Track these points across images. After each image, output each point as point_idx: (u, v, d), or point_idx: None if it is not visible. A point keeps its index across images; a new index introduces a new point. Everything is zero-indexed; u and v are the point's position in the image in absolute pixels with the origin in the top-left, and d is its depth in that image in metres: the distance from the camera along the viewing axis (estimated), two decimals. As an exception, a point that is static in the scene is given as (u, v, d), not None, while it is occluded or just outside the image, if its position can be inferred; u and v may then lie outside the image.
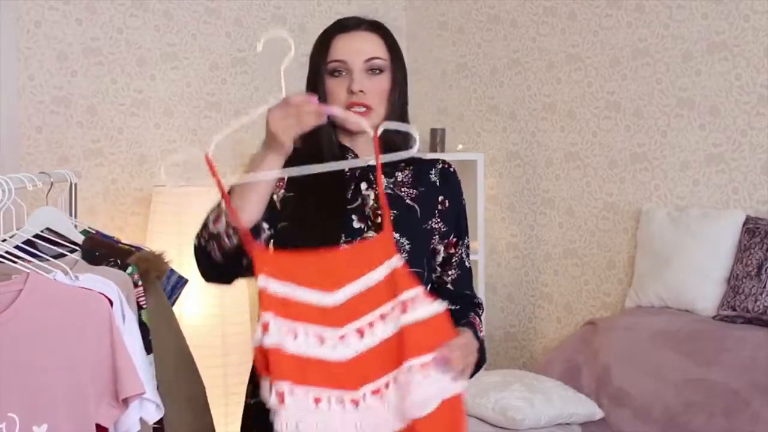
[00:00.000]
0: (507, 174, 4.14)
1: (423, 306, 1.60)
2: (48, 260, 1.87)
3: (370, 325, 1.60)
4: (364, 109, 1.75)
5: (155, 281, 2.01)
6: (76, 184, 2.48)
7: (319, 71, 1.78)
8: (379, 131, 1.65)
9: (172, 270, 2.15)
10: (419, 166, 1.86)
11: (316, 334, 1.59)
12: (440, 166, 1.87)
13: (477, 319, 1.80)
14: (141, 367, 1.80)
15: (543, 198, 4.03)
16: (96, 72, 3.60)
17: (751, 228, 3.24)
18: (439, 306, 1.61)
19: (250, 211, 1.64)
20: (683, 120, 3.59)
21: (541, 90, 4.03)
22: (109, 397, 1.72)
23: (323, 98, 1.75)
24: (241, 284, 3.43)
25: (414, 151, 1.69)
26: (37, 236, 2.01)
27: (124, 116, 3.67)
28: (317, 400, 1.57)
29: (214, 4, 3.88)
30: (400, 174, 1.84)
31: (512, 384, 3.06)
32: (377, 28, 1.83)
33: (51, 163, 3.46)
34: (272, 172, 1.63)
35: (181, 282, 2.27)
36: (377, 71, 1.78)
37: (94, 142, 3.61)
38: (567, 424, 3.02)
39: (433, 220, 1.82)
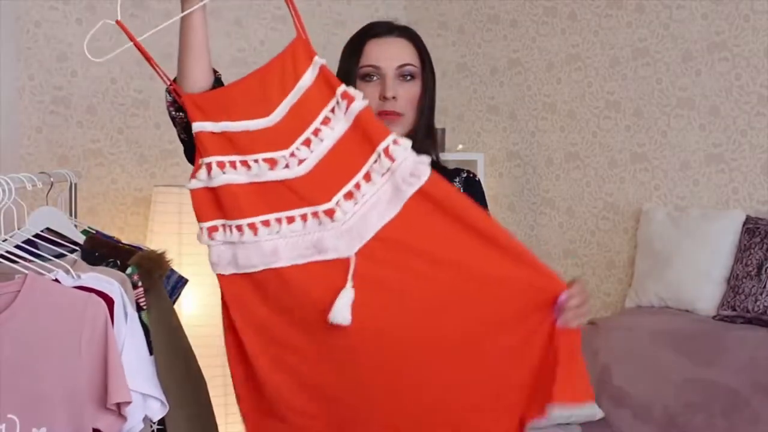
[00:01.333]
0: (507, 174, 4.14)
1: (358, 96, 1.60)
2: (50, 260, 1.87)
3: (315, 132, 1.59)
4: (395, 116, 1.78)
5: (158, 281, 2.00)
6: (76, 184, 2.48)
7: (351, 75, 1.79)
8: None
9: (172, 270, 2.15)
10: (443, 174, 1.86)
11: (266, 159, 1.59)
12: (465, 174, 1.88)
13: None
14: (145, 364, 1.80)
15: (543, 198, 4.03)
16: (96, 72, 3.60)
17: (751, 228, 3.24)
18: (361, 95, 1.61)
19: (192, 70, 1.68)
20: (683, 120, 3.59)
21: (541, 90, 4.03)
22: (106, 403, 1.71)
23: None
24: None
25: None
26: (37, 236, 2.01)
27: (124, 116, 3.67)
28: (290, 220, 1.58)
29: (215, 4, 3.86)
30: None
31: (512, 384, 3.06)
32: (409, 34, 1.84)
33: (51, 163, 3.46)
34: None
35: (181, 282, 2.27)
36: (409, 77, 1.79)
37: (94, 142, 3.61)
38: (567, 424, 3.02)
39: None
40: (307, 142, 1.58)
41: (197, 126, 1.61)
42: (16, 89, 3.42)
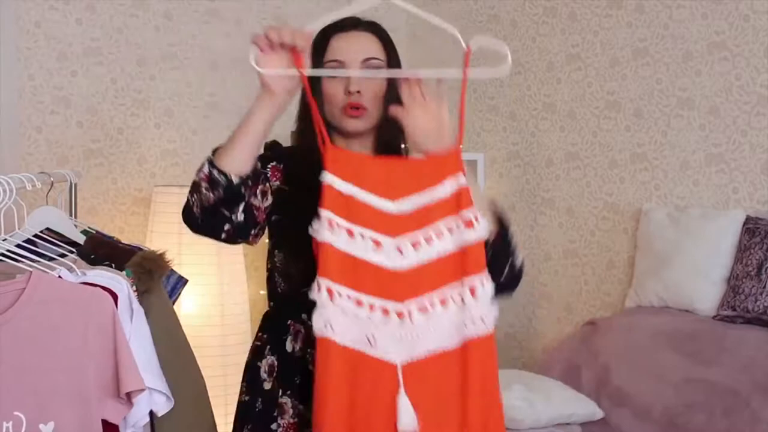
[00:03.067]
0: (507, 174, 4.14)
1: (481, 226, 1.62)
2: (53, 258, 1.87)
3: (428, 240, 1.61)
4: (359, 110, 1.76)
5: (158, 281, 2.01)
6: (76, 184, 2.48)
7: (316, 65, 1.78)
8: (473, 47, 1.69)
9: (172, 270, 2.15)
10: None
11: (373, 238, 1.60)
12: None
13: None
14: (150, 359, 1.80)
15: (543, 198, 4.03)
16: (96, 72, 3.60)
17: (751, 228, 3.24)
18: (487, 228, 1.63)
19: (240, 158, 1.63)
20: (683, 120, 3.59)
21: (541, 90, 4.03)
22: (114, 394, 1.72)
23: (320, 99, 1.76)
24: (241, 284, 3.45)
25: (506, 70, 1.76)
26: (37, 236, 2.01)
27: (124, 116, 3.67)
28: (359, 303, 1.58)
29: (214, 4, 3.88)
30: None
31: (512, 384, 3.06)
32: (374, 28, 1.83)
33: (51, 163, 3.46)
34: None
35: (181, 282, 2.27)
36: None
37: (94, 142, 3.61)
38: (567, 424, 3.02)
39: None
40: (415, 245, 1.61)
41: (328, 177, 1.60)
42: (16, 89, 3.43)
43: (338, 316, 1.57)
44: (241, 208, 1.66)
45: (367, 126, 1.79)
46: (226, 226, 1.68)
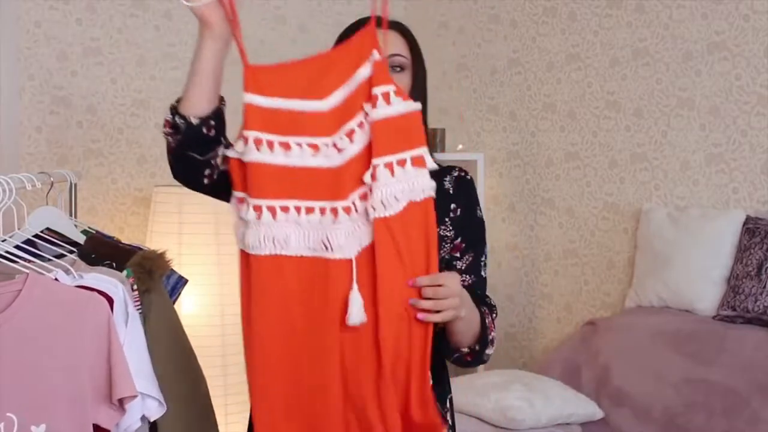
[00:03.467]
0: (507, 174, 4.14)
1: (395, 102, 1.58)
2: (50, 260, 1.87)
3: (361, 125, 1.58)
4: None
5: (158, 281, 2.00)
6: (76, 184, 2.48)
7: None
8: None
9: (172, 270, 2.15)
10: (434, 172, 1.83)
11: (310, 143, 1.58)
12: (456, 173, 1.83)
13: (486, 310, 1.74)
14: (143, 364, 1.80)
15: (543, 198, 4.03)
16: (96, 72, 3.60)
17: (751, 228, 3.24)
18: (413, 105, 1.60)
19: (196, 99, 1.64)
20: (683, 120, 3.59)
21: (541, 90, 4.03)
22: (107, 399, 1.72)
23: None
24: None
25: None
26: (37, 236, 2.01)
27: (124, 116, 3.67)
28: (309, 210, 1.57)
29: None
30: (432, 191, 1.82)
31: (512, 384, 3.06)
32: (400, 27, 1.83)
33: (51, 163, 3.46)
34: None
35: (181, 282, 2.27)
36: (398, 69, 1.77)
37: (94, 142, 3.61)
38: (567, 424, 3.02)
39: (443, 227, 1.77)
40: (350, 134, 1.57)
41: (249, 98, 1.59)
42: (16, 89, 3.43)
43: (289, 229, 1.56)
44: (219, 153, 1.67)
45: None
46: (207, 171, 1.68)
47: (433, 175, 1.77)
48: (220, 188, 1.69)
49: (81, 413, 1.69)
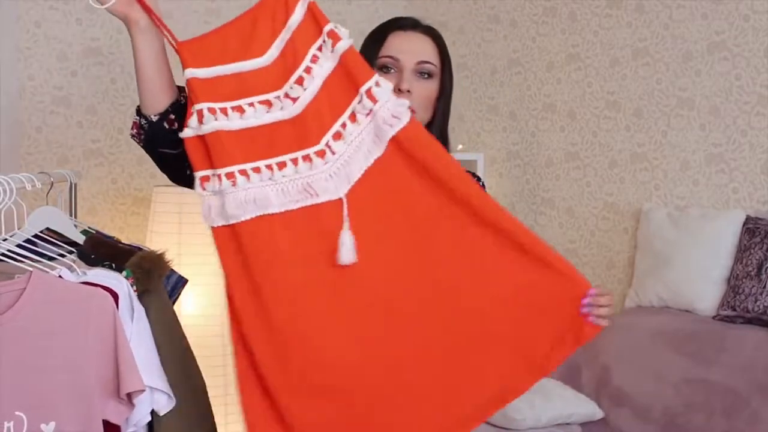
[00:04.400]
0: (507, 174, 4.14)
1: (344, 35, 1.58)
2: (53, 258, 1.87)
3: (307, 70, 1.57)
4: None
5: (158, 281, 2.00)
6: (76, 184, 2.48)
7: (371, 63, 1.76)
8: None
9: (172, 270, 2.15)
10: None
11: (261, 100, 1.57)
12: None
13: None
14: (151, 358, 1.80)
15: (543, 198, 4.03)
16: (96, 72, 3.60)
17: (751, 228, 3.24)
18: (348, 41, 1.59)
19: (149, 96, 1.65)
20: (683, 120, 3.59)
21: (541, 90, 4.03)
22: (115, 394, 1.72)
23: None
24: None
25: None
26: (37, 236, 2.01)
27: (124, 116, 3.67)
28: (281, 165, 1.56)
29: (215, 5, 3.88)
30: None
31: (512, 384, 3.05)
32: (433, 33, 1.84)
33: (51, 163, 3.47)
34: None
35: (181, 282, 2.27)
36: (426, 75, 1.78)
37: (94, 142, 3.61)
38: (567, 424, 3.02)
39: None
40: (299, 81, 1.56)
41: (189, 73, 1.59)
42: (16, 89, 3.43)
43: (266, 188, 1.56)
44: None
45: None
46: (186, 163, 1.69)
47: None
48: None
49: (88, 410, 1.70)
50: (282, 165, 1.57)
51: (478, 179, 1.87)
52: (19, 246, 1.90)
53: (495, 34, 4.18)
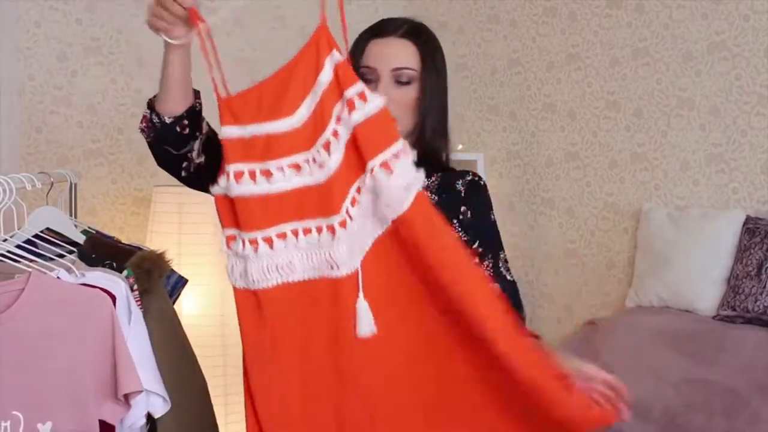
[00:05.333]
0: (507, 174, 4.14)
1: (370, 100, 1.52)
2: (52, 259, 1.87)
3: (334, 133, 1.52)
4: None
5: (158, 281, 2.01)
6: (76, 184, 2.48)
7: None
8: None
9: (172, 270, 2.15)
10: (448, 176, 1.81)
11: (290, 163, 1.53)
12: (469, 177, 1.82)
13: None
14: (148, 361, 1.80)
15: (543, 198, 4.03)
16: (96, 72, 3.60)
17: (751, 228, 3.24)
18: (381, 100, 1.53)
19: (168, 100, 1.67)
20: (683, 120, 3.59)
21: (541, 90, 4.03)
22: (112, 395, 1.72)
23: None
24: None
25: None
26: (37, 236, 2.01)
27: (124, 116, 3.67)
28: (307, 231, 1.53)
29: (215, 4, 3.86)
30: (425, 180, 1.80)
31: (512, 384, 3.06)
32: (414, 34, 1.80)
33: (51, 163, 3.46)
34: None
35: (181, 282, 2.27)
36: (405, 81, 1.76)
37: (94, 142, 3.61)
38: (567, 424, 3.02)
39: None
40: (326, 145, 1.51)
41: (226, 131, 1.55)
42: (16, 89, 3.43)
43: (290, 254, 1.53)
44: (195, 147, 1.70)
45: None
46: (184, 164, 1.71)
47: (447, 177, 1.75)
48: (198, 181, 1.72)
49: (85, 410, 1.70)
50: (307, 231, 1.53)
51: (479, 179, 1.85)
52: (19, 246, 1.90)
53: (495, 34, 4.18)
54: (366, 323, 1.52)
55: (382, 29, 1.77)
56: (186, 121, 1.68)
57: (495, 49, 4.17)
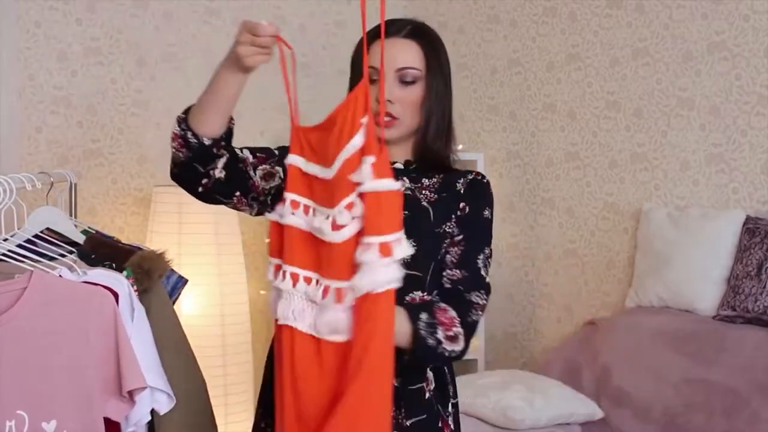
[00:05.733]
0: (507, 174, 4.14)
1: (383, 179, 1.51)
2: (54, 259, 1.87)
3: (361, 196, 1.51)
4: (389, 119, 1.73)
5: (157, 281, 2.01)
6: (76, 184, 2.49)
7: (360, 75, 1.73)
8: None
9: (172, 270, 2.15)
10: (450, 176, 1.83)
11: (322, 212, 1.54)
12: (471, 176, 1.83)
13: (445, 311, 1.67)
14: (151, 358, 1.80)
15: (543, 198, 4.03)
16: (96, 72, 3.60)
17: (751, 228, 3.24)
18: (394, 183, 1.52)
19: (211, 121, 1.65)
20: (683, 120, 3.59)
21: (541, 90, 4.03)
22: (116, 393, 1.73)
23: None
24: (241, 284, 3.44)
25: None
26: (37, 236, 2.01)
27: (124, 116, 3.67)
28: (326, 291, 1.52)
29: (214, 4, 3.88)
30: (426, 180, 1.80)
31: (512, 384, 3.06)
32: (418, 34, 1.80)
33: (51, 163, 3.46)
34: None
35: (181, 282, 2.27)
36: (409, 81, 1.76)
37: (94, 142, 3.61)
38: (567, 424, 3.02)
39: (448, 224, 1.76)
40: (350, 207, 1.51)
41: (293, 159, 1.57)
42: (16, 89, 3.43)
43: (301, 302, 1.54)
44: (219, 165, 1.69)
45: (400, 134, 1.77)
46: (204, 180, 1.70)
47: (449, 177, 1.78)
48: (210, 196, 1.72)
49: (89, 408, 1.70)
50: (326, 291, 1.53)
51: (482, 177, 1.85)
52: (20, 246, 1.90)
53: (495, 34, 4.18)
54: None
55: (385, 30, 1.77)
56: (223, 143, 1.68)
57: (495, 49, 4.18)
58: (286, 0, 4.03)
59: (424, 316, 1.63)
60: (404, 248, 1.52)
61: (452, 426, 1.78)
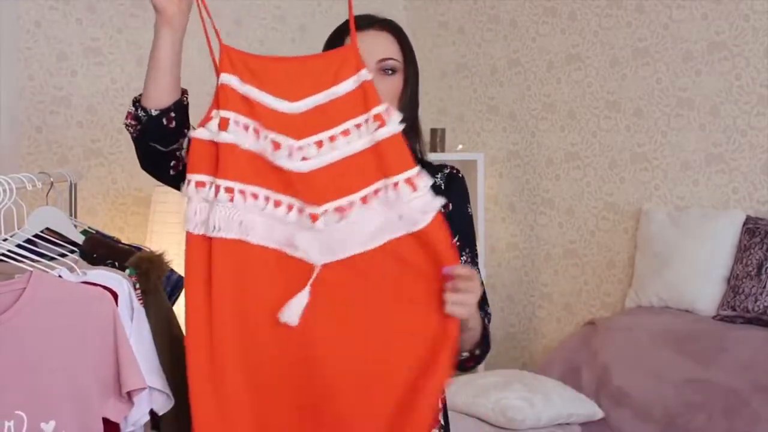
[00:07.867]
0: (507, 174, 4.14)
1: (395, 120, 1.58)
2: (54, 258, 1.87)
3: (331, 138, 1.57)
4: None
5: (156, 281, 2.01)
6: (76, 184, 2.48)
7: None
8: None
9: (172, 270, 2.15)
10: (426, 171, 1.83)
11: (273, 139, 1.57)
12: (448, 171, 1.83)
13: (482, 315, 1.74)
14: (150, 358, 1.80)
15: (543, 198, 4.03)
16: (96, 72, 3.60)
17: (751, 228, 3.24)
18: (400, 125, 1.59)
19: (156, 90, 1.65)
20: (683, 120, 3.59)
21: (541, 90, 4.03)
22: (115, 393, 1.73)
23: None
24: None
25: None
26: (37, 236, 2.01)
27: (124, 116, 3.67)
28: (277, 204, 1.56)
29: (214, 4, 3.87)
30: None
31: (512, 384, 3.06)
32: (391, 27, 1.80)
33: (51, 163, 3.47)
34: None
35: (181, 282, 2.27)
36: (390, 72, 1.76)
37: (94, 142, 3.61)
38: (567, 424, 3.02)
39: None
40: (318, 144, 1.57)
41: (225, 78, 1.59)
42: (16, 89, 3.43)
43: (255, 216, 1.56)
44: (183, 146, 1.68)
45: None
46: (172, 162, 1.69)
47: (426, 172, 1.77)
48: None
49: (88, 408, 1.70)
50: (278, 203, 1.57)
51: (457, 171, 1.85)
52: (19, 246, 1.90)
53: (495, 34, 4.18)
54: (292, 313, 1.54)
55: (357, 24, 1.77)
56: (173, 114, 1.67)
57: (495, 49, 4.18)
58: (286, 0, 4.03)
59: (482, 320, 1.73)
60: (425, 178, 1.58)
61: (441, 421, 1.77)
